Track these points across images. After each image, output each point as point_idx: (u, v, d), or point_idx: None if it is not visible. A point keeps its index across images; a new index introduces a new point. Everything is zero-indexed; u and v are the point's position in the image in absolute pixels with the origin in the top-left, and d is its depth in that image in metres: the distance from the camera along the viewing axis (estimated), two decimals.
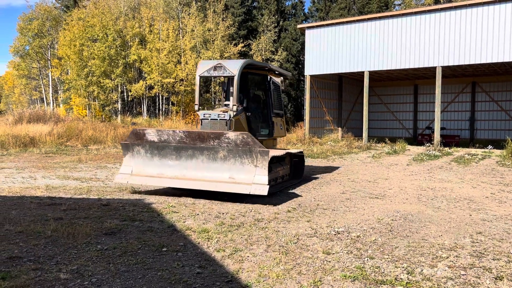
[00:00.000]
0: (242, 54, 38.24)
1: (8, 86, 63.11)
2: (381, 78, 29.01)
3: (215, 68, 8.88)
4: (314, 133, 24.86)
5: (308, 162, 15.30)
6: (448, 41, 20.21)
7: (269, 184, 8.23)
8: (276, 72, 10.88)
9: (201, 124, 8.95)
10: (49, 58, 44.58)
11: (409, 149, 21.34)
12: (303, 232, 5.84)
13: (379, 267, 4.51)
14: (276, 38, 42.07)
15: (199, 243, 5.28)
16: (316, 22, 28.26)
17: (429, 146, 21.05)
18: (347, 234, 5.76)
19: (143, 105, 38.82)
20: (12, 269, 4.23)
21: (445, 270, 4.44)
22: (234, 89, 8.61)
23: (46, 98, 47.44)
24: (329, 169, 13.18)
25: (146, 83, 35.38)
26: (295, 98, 46.52)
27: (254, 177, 7.22)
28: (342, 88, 28.76)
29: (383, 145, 22.64)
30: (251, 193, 7.09)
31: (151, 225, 6.02)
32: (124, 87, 37.68)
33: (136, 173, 8.16)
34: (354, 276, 4.22)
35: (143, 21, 37.16)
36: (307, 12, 50.53)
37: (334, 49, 23.56)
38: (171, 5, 39.07)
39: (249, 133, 7.21)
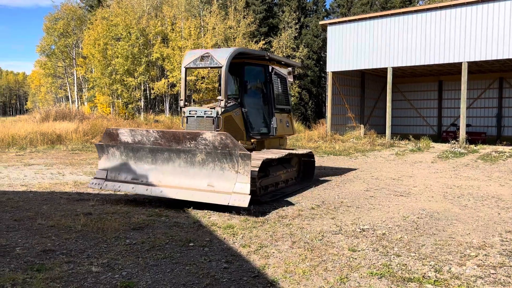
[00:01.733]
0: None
1: (35, 85, 64.79)
2: (404, 75, 28.57)
3: (201, 58, 7.92)
4: (336, 130, 24.69)
5: (331, 159, 15.24)
6: (475, 36, 19.75)
7: (265, 190, 7.86)
8: (282, 63, 9.84)
9: (187, 123, 8.00)
10: (74, 57, 45.54)
11: (433, 147, 20.98)
12: (328, 229, 5.84)
13: (405, 264, 4.49)
14: (297, 34, 41.88)
15: (224, 238, 5.34)
16: (338, 18, 28.03)
17: (454, 143, 20.65)
18: (372, 232, 5.73)
19: (165, 103, 39.27)
20: (46, 262, 4.38)
21: (474, 269, 4.38)
22: (222, 81, 7.66)
23: (71, 96, 48.50)
24: (352, 167, 13.09)
25: (168, 81, 35.76)
26: (316, 95, 46.25)
27: (234, 185, 6.21)
28: (364, 84, 28.46)
29: (407, 142, 22.32)
30: (229, 204, 6.10)
31: (177, 221, 6.12)
32: (147, 85, 38.18)
33: (111, 178, 7.34)
34: (381, 274, 4.21)
35: (165, 19, 37.55)
36: (329, 8, 50.13)
37: (356, 45, 23.32)
38: (192, 3, 39.34)
39: (227, 133, 6.24)
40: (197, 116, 7.87)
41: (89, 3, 49.56)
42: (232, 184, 6.24)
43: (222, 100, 7.62)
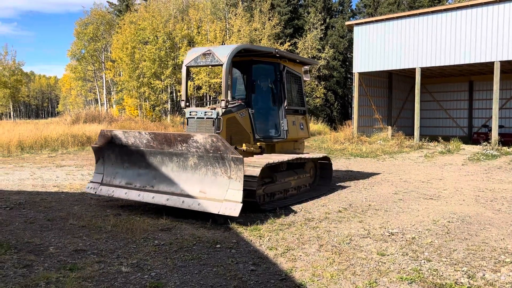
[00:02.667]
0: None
1: (66, 88, 66.64)
2: (433, 75, 27.96)
3: (203, 55, 7.48)
4: (362, 132, 24.37)
5: (357, 161, 15.05)
6: (508, 34, 19.14)
7: (271, 198, 7.43)
8: (297, 61, 9.20)
9: (187, 124, 7.60)
10: (103, 60, 46.64)
11: (464, 148, 20.43)
12: (356, 232, 5.76)
13: (437, 270, 4.38)
14: (322, 35, 41.62)
15: (251, 240, 5.35)
16: (364, 19, 27.69)
17: (486, 145, 20.05)
18: (402, 236, 5.62)
19: (191, 105, 39.68)
20: (78, 261, 4.49)
21: (509, 276, 4.23)
22: (223, 80, 7.15)
23: (100, 99, 49.67)
24: (380, 169, 12.89)
25: (194, 83, 36.14)
26: (342, 96, 45.82)
27: (227, 192, 5.74)
28: (392, 85, 27.99)
29: (436, 144, 21.82)
30: (220, 212, 5.64)
31: (204, 222, 6.16)
32: (174, 88, 38.70)
33: (106, 182, 7.07)
34: (411, 279, 4.12)
35: (191, 22, 37.98)
36: (355, 9, 49.64)
37: (383, 45, 22.98)
38: (218, 6, 39.66)
39: (218, 136, 5.81)
40: (197, 118, 7.44)
41: (118, 8, 50.67)
42: (225, 191, 5.77)
43: (223, 100, 7.14)
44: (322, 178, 9.13)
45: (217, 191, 5.85)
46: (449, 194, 8.69)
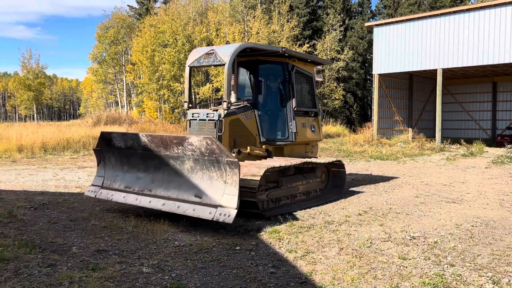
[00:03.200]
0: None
1: (87, 91, 67.82)
2: (455, 76, 27.47)
3: (206, 55, 7.24)
4: (382, 134, 24.09)
5: (377, 164, 14.88)
6: None
7: (276, 203, 7.12)
8: (309, 60, 8.84)
9: (190, 126, 7.39)
10: (123, 63, 47.33)
11: (487, 151, 19.99)
12: (376, 236, 5.70)
13: (460, 275, 4.29)
14: (341, 37, 41.34)
15: (270, 243, 5.34)
16: (384, 20, 27.40)
17: (510, 147, 19.58)
18: (424, 240, 5.53)
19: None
20: (100, 262, 4.55)
21: None
22: (225, 80, 6.91)
23: (120, 102, 50.41)
24: (400, 172, 12.71)
25: (213, 85, 36.34)
26: (361, 98, 45.41)
27: (222, 197, 5.51)
28: (412, 86, 27.61)
29: (458, 147, 21.42)
30: (214, 219, 5.40)
31: (224, 224, 6.17)
32: (193, 90, 39.00)
33: (106, 186, 6.94)
34: (434, 284, 4.05)
35: (210, 25, 38.21)
36: (374, 10, 49.17)
37: (404, 46, 22.68)
38: (237, 8, 39.80)
39: (214, 138, 5.56)
40: (199, 119, 7.20)
41: (138, 12, 51.36)
42: (220, 196, 5.53)
43: (225, 101, 6.87)
44: (335, 184, 8.67)
45: (213, 196, 5.62)
46: (472, 198, 8.51)
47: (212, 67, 7.48)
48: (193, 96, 39.03)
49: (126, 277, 4.15)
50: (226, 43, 7.38)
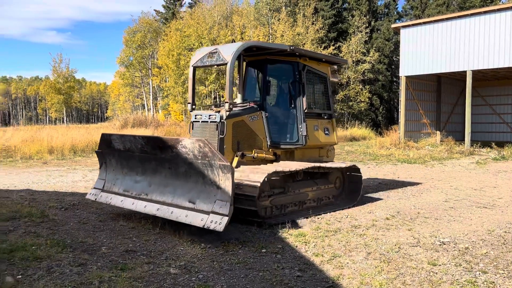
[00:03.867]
0: None
1: (115, 94, 69.20)
2: (485, 78, 26.72)
3: (209, 55, 6.97)
4: (409, 137, 23.64)
5: (404, 167, 14.62)
6: None
7: (282, 210, 6.78)
8: (323, 60, 8.38)
9: (192, 128, 7.13)
10: (149, 67, 48.14)
11: None
12: (405, 241, 5.59)
13: (493, 282, 4.16)
14: (367, 39, 40.86)
15: (296, 246, 5.31)
16: (412, 21, 26.94)
17: None
18: (454, 245, 5.39)
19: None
20: (129, 262, 4.63)
21: None
22: (226, 81, 6.58)
23: (147, 105, 51.26)
24: (428, 175, 12.44)
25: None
26: (388, 100, 44.72)
27: (214, 203, 5.23)
28: (441, 89, 27.01)
29: (489, 150, 20.81)
30: (205, 226, 5.13)
31: (249, 226, 6.18)
32: (217, 93, 39.30)
33: (107, 189, 6.84)
34: None
35: (235, 29, 38.45)
36: (401, 11, 48.40)
37: (432, 48, 22.23)
38: (261, 11, 39.93)
39: (206, 140, 5.30)
40: (202, 121, 6.92)
41: (164, 16, 52.17)
42: (212, 202, 5.27)
43: (227, 102, 6.55)
44: (351, 190, 8.14)
45: (206, 201, 5.37)
46: (505, 203, 8.25)
47: (215, 66, 7.09)
48: (218, 100, 39.36)
49: (154, 277, 4.21)
50: (232, 42, 7.29)
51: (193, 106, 7.35)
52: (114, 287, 3.92)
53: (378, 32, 44.26)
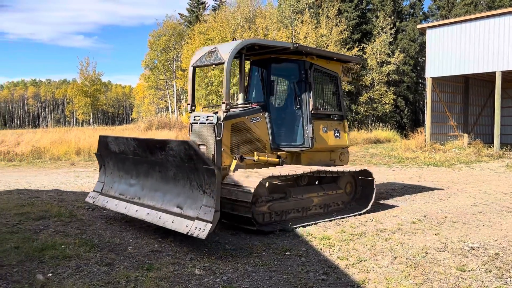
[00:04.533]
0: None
1: (139, 97, 70.40)
2: None
3: (208, 54, 6.73)
4: (436, 140, 23.17)
5: (430, 170, 14.34)
6: None
7: (282, 217, 6.40)
8: (334, 58, 7.95)
9: (191, 130, 6.83)
10: (174, 70, 48.74)
11: None
12: (432, 245, 5.48)
13: None
14: (392, 40, 40.30)
15: (321, 249, 5.28)
16: (438, 21, 26.42)
17: None
18: (483, 251, 5.25)
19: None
20: (154, 262, 4.70)
21: None
22: (224, 80, 6.31)
23: (170, 107, 51.90)
24: (455, 179, 12.17)
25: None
26: (413, 102, 44.00)
27: (200, 209, 4.99)
28: (468, 90, 26.39)
29: None
30: (189, 233, 4.89)
31: (273, 228, 6.17)
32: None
33: (105, 192, 6.70)
34: None
35: (258, 31, 38.55)
36: (427, 11, 47.57)
37: (459, 48, 21.75)
38: (284, 14, 39.92)
39: (193, 142, 5.09)
40: (200, 123, 6.62)
41: (188, 19, 52.80)
42: (198, 207, 5.03)
43: (224, 103, 6.26)
44: (365, 196, 7.66)
45: (192, 207, 5.15)
46: None
47: (213, 66, 6.87)
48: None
49: (179, 278, 4.25)
50: (233, 40, 6.82)
51: (193, 107, 7.14)
52: (140, 287, 3.98)
53: (403, 33, 43.61)
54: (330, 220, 6.73)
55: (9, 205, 7.72)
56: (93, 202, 6.78)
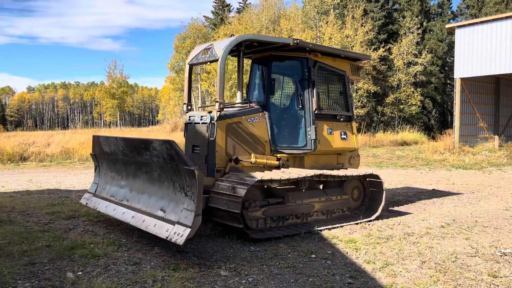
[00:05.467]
0: (383, 59, 36.87)
1: (165, 99, 71.34)
2: None
3: (204, 51, 6.50)
4: (465, 142, 22.59)
5: (459, 173, 13.98)
6: None
7: (279, 223, 6.02)
8: (342, 56, 7.53)
9: (186, 131, 6.64)
10: (199, 72, 49.18)
11: None
12: (462, 250, 5.34)
13: None
14: (419, 40, 39.56)
15: (347, 252, 5.22)
16: (467, 20, 25.78)
17: None
18: None
19: None
20: (180, 262, 4.74)
21: None
22: (218, 78, 6.04)
23: (195, 109, 52.39)
24: (486, 182, 11.82)
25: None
26: (441, 104, 43.08)
27: (181, 212, 4.73)
28: (499, 91, 25.62)
29: None
30: (168, 238, 4.63)
31: (298, 231, 6.13)
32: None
33: (98, 193, 6.60)
34: None
35: (283, 32, 38.50)
36: (456, 10, 46.52)
37: (489, 48, 21.16)
38: (309, 15, 39.73)
39: (173, 142, 4.76)
40: (194, 123, 6.42)
41: (213, 22, 53.26)
42: (180, 211, 4.79)
43: (217, 101, 5.96)
44: (372, 203, 7.19)
45: (174, 210, 4.91)
46: None
47: (208, 63, 6.54)
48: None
49: (205, 278, 4.28)
50: (231, 36, 6.46)
51: (189, 107, 6.93)
52: (166, 287, 4.02)
53: (431, 33, 42.79)
54: (356, 223, 6.65)
55: (41, 204, 7.95)
56: (86, 203, 6.67)
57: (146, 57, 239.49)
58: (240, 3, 55.92)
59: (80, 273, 4.36)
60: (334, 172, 6.64)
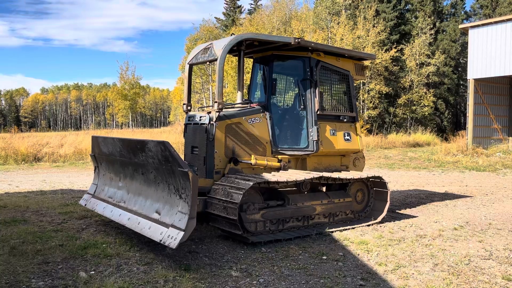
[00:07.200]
0: (395, 60, 36.61)
1: (177, 100, 71.74)
2: None
3: (204, 50, 6.43)
4: (478, 143, 22.31)
5: (473, 175, 13.82)
6: None
7: (279, 226, 5.89)
8: (346, 55, 7.37)
9: (185, 131, 6.54)
10: (210, 73, 49.38)
11: None
12: (475, 253, 5.28)
13: None
14: (432, 40, 39.22)
15: (358, 254, 5.19)
16: (481, 20, 25.47)
17: None
18: None
19: None
20: (192, 262, 4.76)
21: None
22: (217, 78, 5.93)
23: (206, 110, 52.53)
24: (500, 184, 11.66)
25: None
26: (454, 105, 42.63)
27: (175, 215, 4.67)
28: None
29: None
30: (161, 241, 4.56)
31: (309, 232, 6.12)
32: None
33: (97, 194, 6.53)
34: None
35: (294, 33, 38.46)
36: (469, 10, 46.01)
37: (504, 48, 20.87)
38: (320, 16, 39.64)
39: (168, 143, 4.65)
40: (193, 124, 6.32)
41: (224, 23, 53.43)
42: (174, 213, 4.71)
43: (216, 102, 5.84)
44: (381, 205, 7.00)
45: (169, 213, 4.84)
46: None
47: (208, 63, 6.47)
48: None
49: (216, 279, 4.29)
50: (231, 36, 6.40)
51: (189, 107, 6.86)
52: (178, 287, 4.05)
53: (444, 33, 42.38)
54: (368, 225, 6.61)
55: (54, 204, 8.06)
56: (85, 204, 6.62)
57: (158, 59, 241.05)
58: (251, 4, 56.07)
59: (93, 272, 4.40)
60: (335, 175, 6.48)
